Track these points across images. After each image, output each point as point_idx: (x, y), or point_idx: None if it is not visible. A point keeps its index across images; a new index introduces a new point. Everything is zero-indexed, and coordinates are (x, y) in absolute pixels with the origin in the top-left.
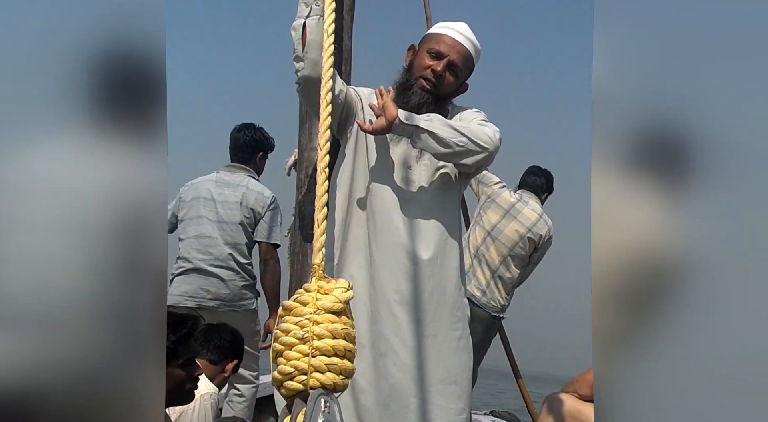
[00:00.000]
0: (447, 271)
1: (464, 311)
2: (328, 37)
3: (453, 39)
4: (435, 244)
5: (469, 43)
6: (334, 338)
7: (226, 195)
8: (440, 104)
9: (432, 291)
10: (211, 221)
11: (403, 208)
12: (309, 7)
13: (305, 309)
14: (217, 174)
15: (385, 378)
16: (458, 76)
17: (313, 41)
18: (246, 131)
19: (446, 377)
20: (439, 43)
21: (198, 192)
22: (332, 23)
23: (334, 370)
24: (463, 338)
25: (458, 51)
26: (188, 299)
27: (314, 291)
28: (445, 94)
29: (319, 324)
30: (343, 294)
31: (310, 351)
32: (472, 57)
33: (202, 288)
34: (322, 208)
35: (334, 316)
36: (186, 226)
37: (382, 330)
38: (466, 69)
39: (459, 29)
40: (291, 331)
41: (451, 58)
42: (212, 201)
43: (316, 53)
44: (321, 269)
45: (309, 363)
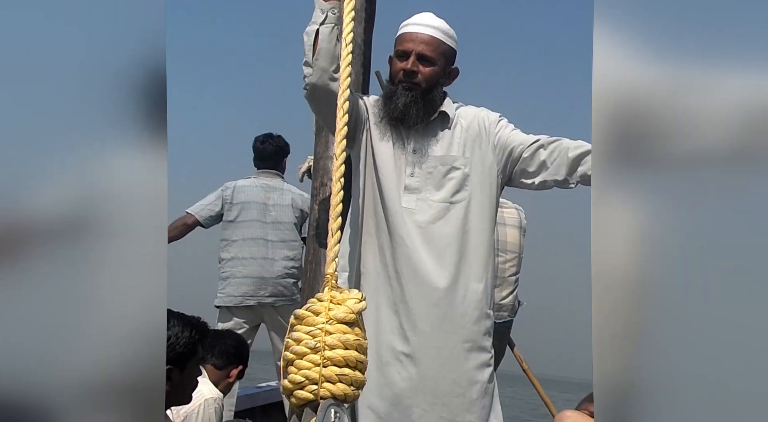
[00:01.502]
0: (461, 284)
1: (480, 325)
2: (347, 45)
3: (413, 33)
4: (443, 254)
5: (432, 29)
6: (346, 349)
7: (275, 198)
8: (428, 99)
9: (438, 302)
10: (266, 223)
11: (409, 218)
12: (324, 14)
13: (317, 318)
14: (257, 179)
15: (389, 388)
16: (434, 63)
17: (324, 50)
18: (270, 141)
19: (453, 389)
20: (402, 43)
21: (248, 196)
22: (351, 32)
23: (345, 381)
24: (474, 351)
25: (421, 41)
26: (249, 298)
27: (327, 301)
28: (429, 87)
29: (331, 335)
30: (356, 305)
31: (322, 360)
32: (441, 40)
33: (261, 287)
34: (336, 218)
35: (347, 327)
36: (237, 228)
37: (388, 338)
38: (439, 54)
39: (418, 21)
40: (303, 340)
41: (416, 50)
42: (264, 205)
43: (326, 62)
44: (334, 279)
45: (320, 372)
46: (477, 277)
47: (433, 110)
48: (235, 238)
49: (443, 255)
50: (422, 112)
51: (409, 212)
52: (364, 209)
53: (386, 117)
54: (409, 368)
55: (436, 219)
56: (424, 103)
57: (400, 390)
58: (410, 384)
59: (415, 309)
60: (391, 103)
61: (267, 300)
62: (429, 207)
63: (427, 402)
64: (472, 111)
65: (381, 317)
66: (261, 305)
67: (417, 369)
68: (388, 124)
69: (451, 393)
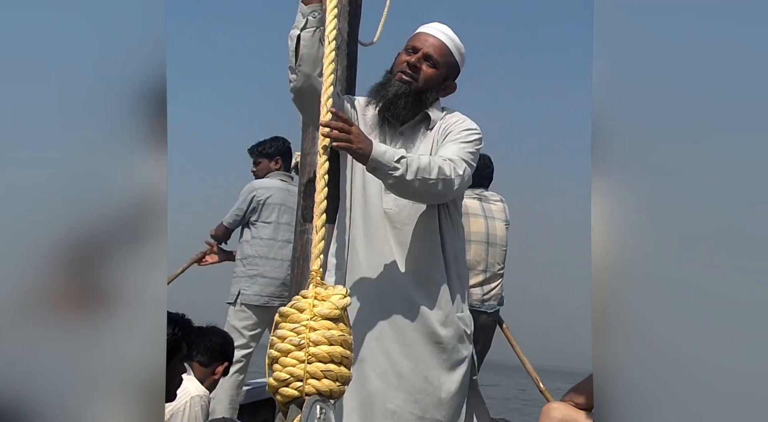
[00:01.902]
0: (430, 286)
1: (452, 325)
2: (329, 43)
3: (428, 34)
4: (409, 256)
5: (446, 37)
6: (331, 345)
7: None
8: (420, 97)
9: (411, 305)
10: (291, 225)
11: (386, 217)
12: (305, 19)
13: (302, 315)
14: (280, 181)
15: (363, 384)
16: (437, 67)
17: (307, 55)
18: (285, 142)
19: (424, 386)
20: (414, 40)
21: (274, 199)
22: (334, 30)
23: (330, 377)
24: (446, 352)
25: (432, 44)
26: (275, 299)
27: (311, 298)
28: (425, 87)
29: (316, 331)
30: (340, 300)
31: (306, 357)
32: (451, 52)
33: (286, 287)
34: (321, 215)
35: (331, 323)
36: (266, 228)
37: (364, 335)
38: (444, 62)
39: (436, 27)
40: (287, 338)
41: (426, 50)
42: (291, 208)
43: (310, 67)
44: (319, 276)
45: (305, 369)
46: (445, 278)
47: (419, 110)
48: (264, 237)
49: (416, 256)
50: (409, 107)
51: (386, 213)
52: (352, 207)
53: (373, 103)
54: (383, 367)
55: (410, 220)
56: (413, 100)
57: (371, 388)
58: (382, 383)
59: (390, 308)
60: (383, 89)
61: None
62: (404, 208)
63: (401, 399)
64: (453, 117)
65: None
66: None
67: (391, 367)
68: (375, 124)
69: (423, 390)
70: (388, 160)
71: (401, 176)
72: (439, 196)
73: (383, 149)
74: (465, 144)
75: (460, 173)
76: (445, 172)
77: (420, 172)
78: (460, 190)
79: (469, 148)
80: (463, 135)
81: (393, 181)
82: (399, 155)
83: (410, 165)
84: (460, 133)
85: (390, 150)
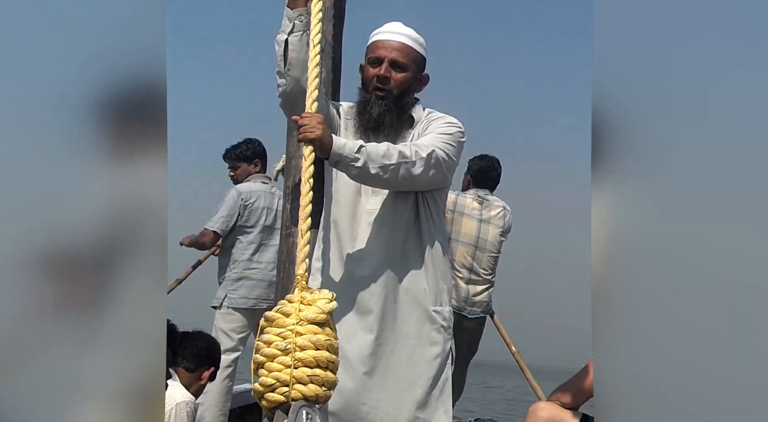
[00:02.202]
0: (404, 282)
1: (428, 321)
2: (314, 46)
3: (385, 40)
4: (386, 255)
5: (403, 36)
6: (317, 349)
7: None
8: (401, 105)
9: (384, 301)
10: (275, 228)
11: (360, 220)
12: (292, 23)
13: (287, 320)
14: (262, 184)
15: (336, 386)
16: (406, 70)
17: (295, 59)
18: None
19: (398, 385)
20: (374, 51)
21: (260, 202)
22: (319, 33)
23: (316, 382)
24: (420, 346)
25: (393, 48)
26: (263, 302)
27: (297, 302)
28: (401, 93)
29: (302, 336)
30: (326, 305)
31: (293, 362)
32: (412, 48)
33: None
34: (306, 219)
35: (317, 327)
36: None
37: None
38: (411, 61)
39: (390, 29)
40: (273, 342)
41: (389, 57)
42: (274, 210)
43: (298, 71)
44: (305, 280)
45: (291, 374)
46: (421, 275)
47: (403, 114)
48: (250, 240)
49: (394, 252)
50: (396, 119)
51: (368, 213)
52: (335, 209)
53: (361, 127)
54: (357, 366)
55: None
56: (398, 111)
57: (346, 388)
58: (357, 382)
59: (364, 307)
60: (365, 113)
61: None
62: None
63: (374, 399)
64: (434, 114)
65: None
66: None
67: (364, 367)
68: (359, 129)
69: (398, 388)
70: (349, 151)
71: (363, 165)
72: (405, 180)
73: (343, 142)
74: (440, 134)
75: (423, 156)
76: (406, 155)
77: (381, 158)
78: (432, 175)
79: (443, 138)
80: (440, 126)
81: (356, 172)
82: (358, 145)
83: (370, 153)
84: (438, 126)
85: (350, 142)
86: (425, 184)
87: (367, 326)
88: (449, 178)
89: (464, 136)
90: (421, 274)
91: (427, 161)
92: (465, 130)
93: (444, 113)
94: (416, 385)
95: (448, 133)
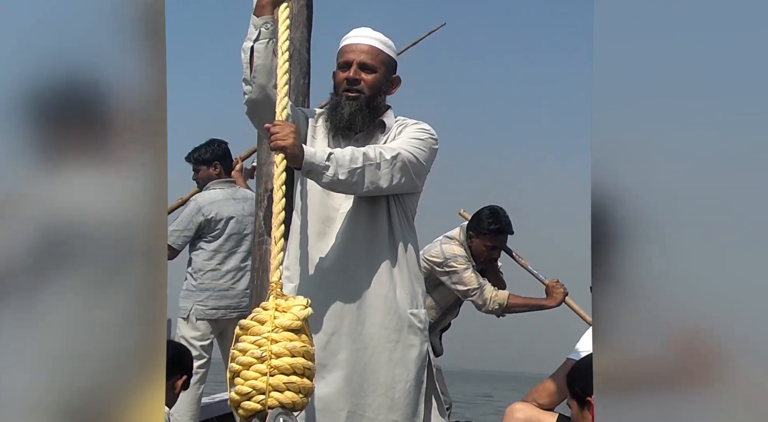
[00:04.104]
0: (379, 285)
1: (405, 323)
2: (282, 54)
3: (352, 44)
4: (359, 258)
5: (370, 39)
6: (293, 356)
7: (246, 208)
8: (373, 106)
9: (360, 304)
10: (240, 234)
11: (332, 224)
12: (258, 30)
13: (263, 327)
14: (223, 190)
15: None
16: (375, 71)
17: (261, 66)
18: (221, 145)
19: (375, 389)
20: (343, 55)
21: (221, 212)
22: (287, 40)
23: (293, 389)
24: (398, 350)
25: (361, 50)
26: (232, 311)
27: (272, 310)
28: (372, 94)
29: (278, 343)
30: (301, 311)
31: (269, 370)
32: (381, 50)
33: (239, 298)
34: (279, 226)
35: (293, 334)
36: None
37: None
38: (380, 62)
39: (356, 34)
40: (248, 351)
41: (358, 59)
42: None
43: (264, 78)
44: (279, 287)
45: (267, 382)
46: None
47: (375, 117)
48: (213, 249)
49: (365, 258)
50: (367, 119)
51: (340, 216)
52: (305, 213)
53: (333, 127)
54: (334, 372)
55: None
56: (369, 111)
57: (324, 394)
58: (334, 388)
59: (340, 312)
60: (336, 114)
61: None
62: (355, 211)
63: (351, 403)
64: (407, 120)
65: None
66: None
67: (341, 373)
68: (328, 134)
69: (375, 392)
70: (320, 160)
71: (334, 173)
72: (372, 183)
73: (313, 151)
74: (410, 139)
75: (387, 158)
76: (370, 157)
77: (348, 163)
78: (398, 178)
79: (413, 142)
80: (411, 132)
81: (327, 180)
82: (327, 153)
83: (338, 159)
84: (410, 132)
85: (318, 151)
86: (392, 187)
87: (344, 331)
88: (419, 183)
89: (437, 143)
90: (396, 278)
91: (392, 163)
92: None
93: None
94: (395, 389)
95: (419, 138)
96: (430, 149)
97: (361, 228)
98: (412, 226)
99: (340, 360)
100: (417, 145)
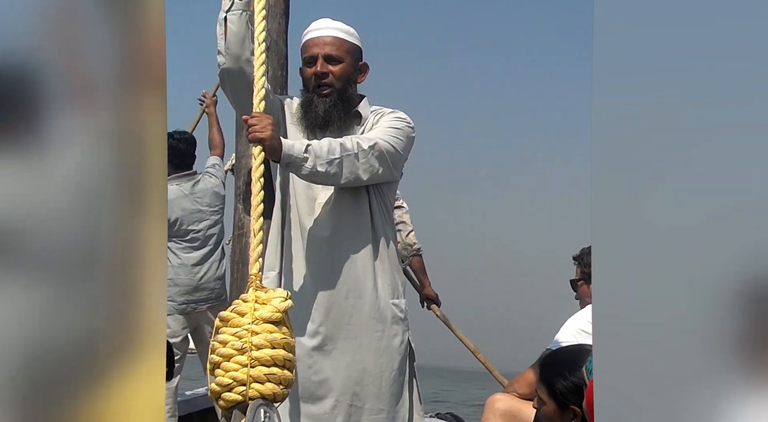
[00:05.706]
0: (363, 275)
1: (388, 313)
2: (260, 44)
3: (315, 38)
4: (344, 247)
5: (332, 30)
6: (273, 348)
7: (205, 201)
8: (346, 98)
9: (347, 295)
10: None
11: (315, 211)
12: (231, 1)
13: (243, 319)
14: (179, 187)
15: (301, 382)
16: (342, 61)
17: (234, 34)
18: (182, 136)
19: (363, 378)
20: (307, 50)
21: (175, 211)
22: (263, 31)
23: (273, 380)
24: (384, 339)
25: (324, 42)
26: (203, 304)
27: (252, 301)
28: (343, 86)
29: (258, 335)
30: (281, 303)
31: (249, 361)
32: (344, 40)
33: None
34: (258, 218)
35: (273, 326)
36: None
37: (300, 334)
38: (345, 52)
39: (317, 26)
40: (229, 342)
41: (322, 52)
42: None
43: (238, 47)
44: (258, 279)
45: (248, 373)
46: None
47: (350, 109)
48: (172, 246)
49: (346, 248)
50: (343, 114)
51: (318, 206)
52: (288, 206)
53: (309, 126)
54: (321, 362)
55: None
56: (343, 104)
57: (311, 384)
58: (322, 377)
59: (326, 302)
60: (311, 112)
61: (203, 306)
62: (339, 203)
63: (338, 392)
64: (383, 110)
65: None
66: (213, 308)
67: (329, 362)
68: (304, 127)
69: (362, 381)
70: (298, 152)
71: (312, 165)
72: (351, 173)
73: (291, 143)
74: (387, 128)
75: (365, 148)
76: (347, 147)
77: (326, 154)
78: (375, 167)
79: (390, 132)
80: (388, 121)
81: (306, 172)
82: (305, 145)
83: (316, 151)
84: (387, 121)
85: (296, 143)
86: (370, 177)
87: (331, 321)
88: (396, 173)
89: (414, 131)
90: (378, 268)
91: (370, 153)
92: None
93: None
94: (381, 378)
95: (396, 127)
96: (407, 138)
97: (344, 221)
98: (391, 217)
99: (329, 351)
100: (394, 134)
